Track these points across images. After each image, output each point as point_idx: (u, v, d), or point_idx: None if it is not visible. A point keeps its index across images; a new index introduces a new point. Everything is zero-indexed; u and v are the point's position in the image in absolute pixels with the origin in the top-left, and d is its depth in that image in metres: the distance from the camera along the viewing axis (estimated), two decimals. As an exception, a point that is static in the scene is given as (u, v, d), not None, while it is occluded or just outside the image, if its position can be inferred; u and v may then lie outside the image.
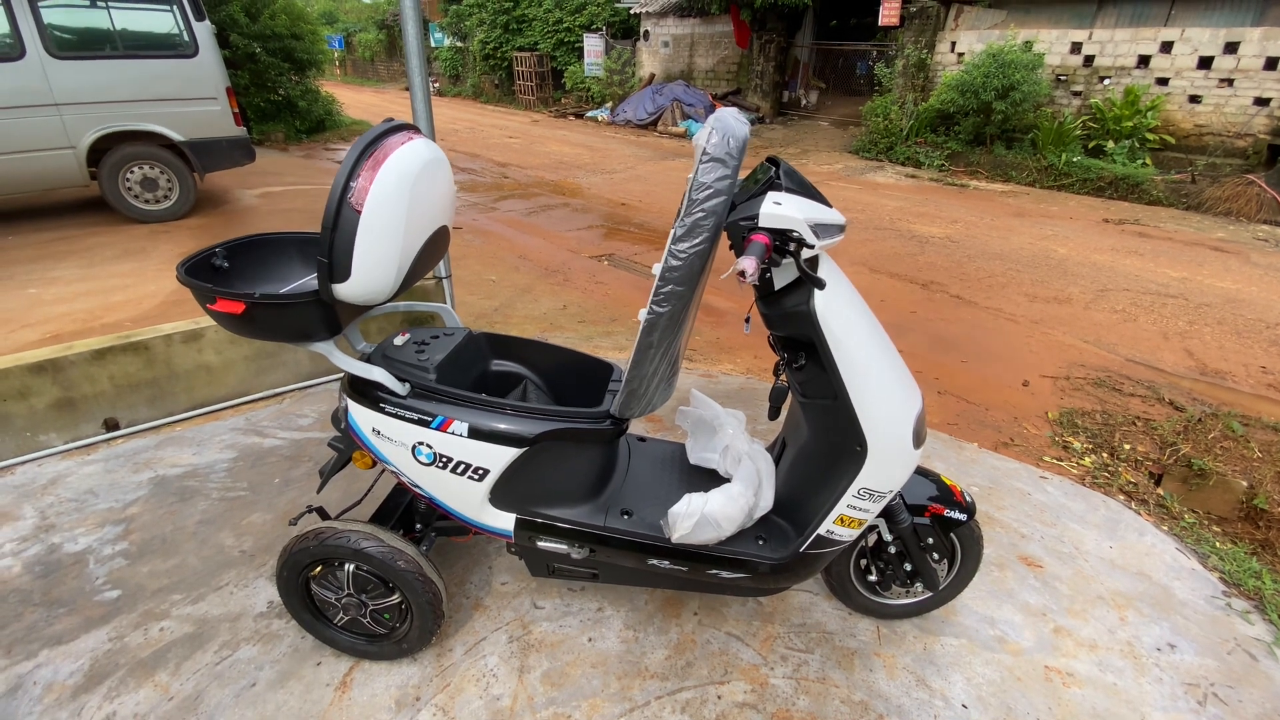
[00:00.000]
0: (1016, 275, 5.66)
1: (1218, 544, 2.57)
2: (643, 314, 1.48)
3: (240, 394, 3.24)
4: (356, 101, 18.99)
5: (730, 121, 1.36)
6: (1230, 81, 8.72)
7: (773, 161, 1.50)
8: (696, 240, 1.38)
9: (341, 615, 1.82)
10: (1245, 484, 2.85)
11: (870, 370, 1.49)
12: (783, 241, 1.34)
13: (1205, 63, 8.87)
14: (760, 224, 1.33)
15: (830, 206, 1.42)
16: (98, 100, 5.39)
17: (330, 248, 1.42)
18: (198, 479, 2.68)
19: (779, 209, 1.33)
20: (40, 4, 5.02)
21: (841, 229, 1.41)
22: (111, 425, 2.95)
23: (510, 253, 6.00)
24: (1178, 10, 8.98)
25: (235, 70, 9.91)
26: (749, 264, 1.23)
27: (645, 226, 6.97)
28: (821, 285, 1.34)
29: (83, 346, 2.85)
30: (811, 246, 1.34)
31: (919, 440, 1.56)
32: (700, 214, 1.36)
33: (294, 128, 11.79)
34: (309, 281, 1.78)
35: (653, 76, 16.85)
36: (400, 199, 1.46)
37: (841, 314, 1.45)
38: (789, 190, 1.39)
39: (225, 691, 1.80)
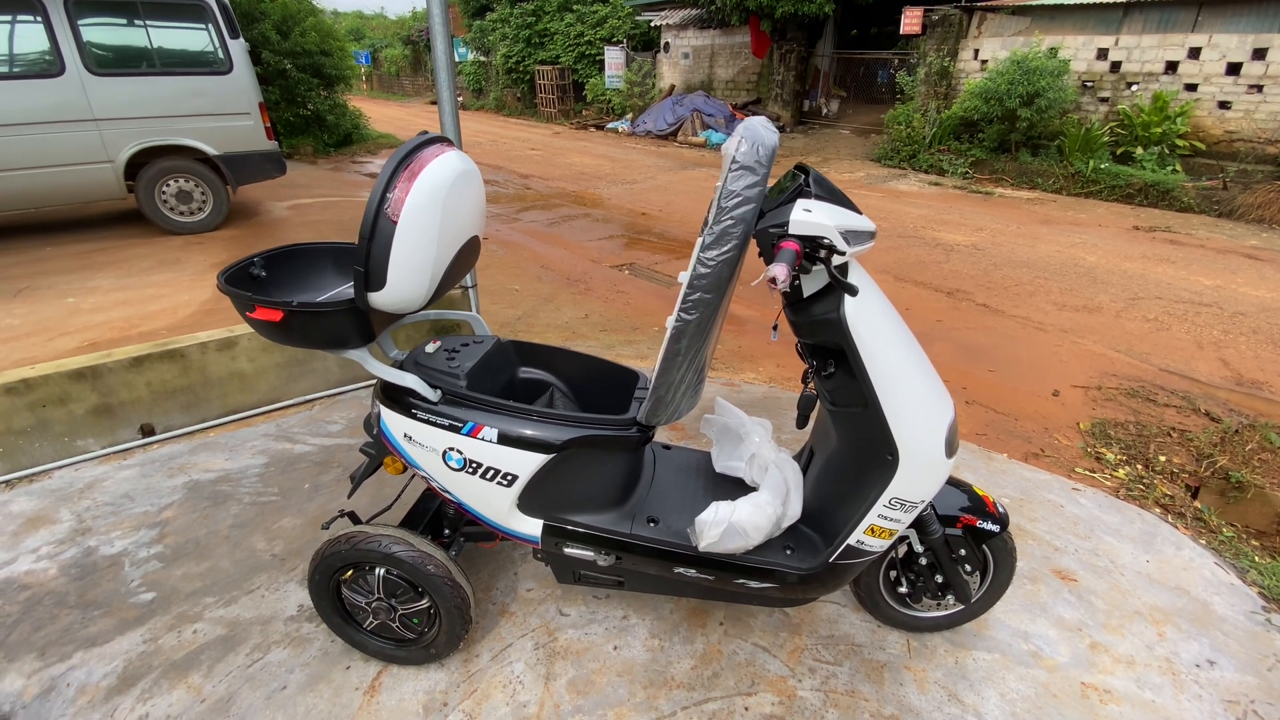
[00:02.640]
0: (1044, 283, 5.58)
1: (1257, 558, 2.50)
2: (670, 321, 1.48)
3: (272, 400, 3.30)
4: (382, 115, 19.35)
5: (759, 130, 1.37)
6: (1260, 88, 8.55)
7: (801, 169, 1.50)
8: (725, 248, 1.38)
9: (371, 619, 1.84)
10: (1287, 497, 2.77)
11: (901, 377, 1.48)
12: (813, 248, 1.34)
13: (1234, 69, 8.71)
14: (790, 231, 1.33)
15: (860, 213, 1.42)
16: (135, 116, 5.56)
17: (367, 257, 1.45)
18: (230, 484, 2.73)
19: (809, 216, 1.33)
20: (79, 22, 5.20)
21: (872, 235, 1.41)
22: (147, 431, 3.02)
23: (533, 262, 6.05)
24: (1205, 16, 8.84)
25: (267, 86, 10.17)
26: (780, 271, 1.23)
27: (665, 236, 7.00)
28: (854, 291, 1.33)
29: (121, 354, 2.92)
30: (843, 253, 1.34)
31: (951, 449, 1.54)
32: (729, 221, 1.36)
33: (323, 141, 12.07)
34: (344, 290, 1.82)
35: (673, 88, 16.96)
36: (434, 210, 1.48)
37: (872, 321, 1.45)
38: (819, 197, 1.39)
39: (256, 694, 1.82)
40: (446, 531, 2.00)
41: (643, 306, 4.97)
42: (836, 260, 1.35)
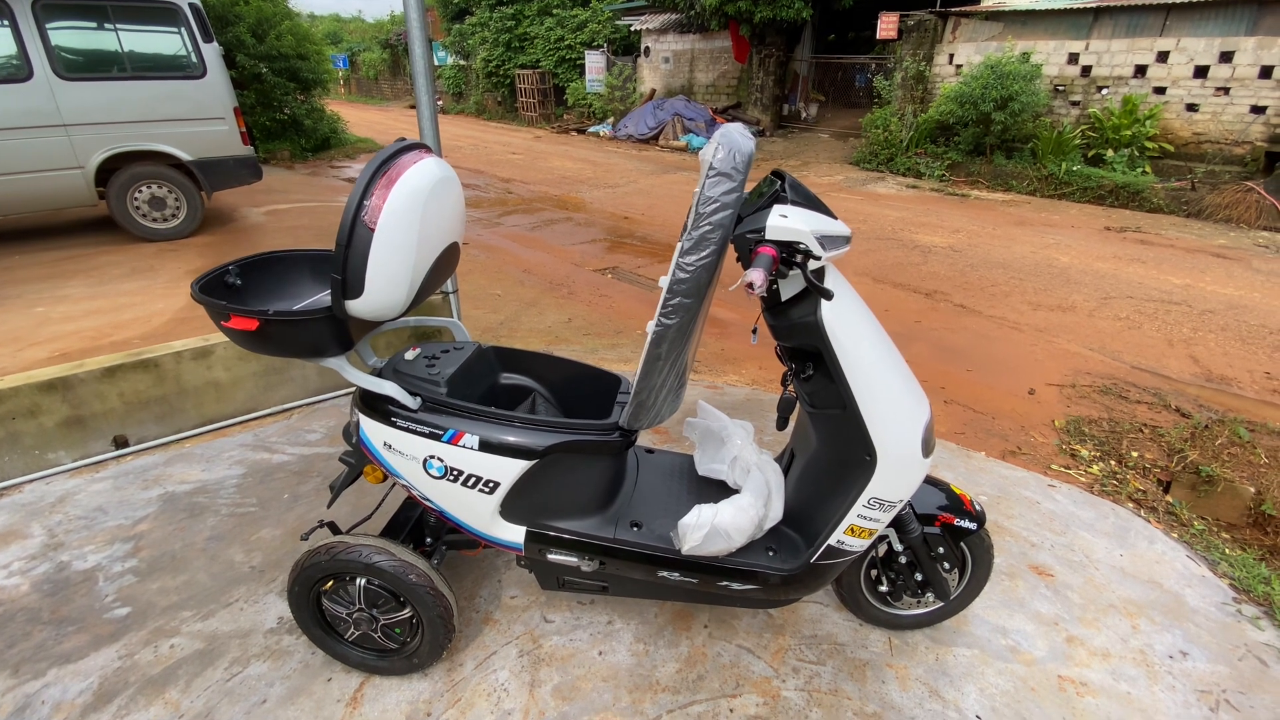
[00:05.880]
0: (1019, 284, 5.67)
1: (1227, 550, 2.56)
2: (651, 326, 1.49)
3: (249, 410, 3.26)
4: (361, 119, 19.18)
5: (736, 137, 1.38)
6: (1226, 90, 8.79)
7: (778, 175, 1.52)
8: (703, 253, 1.39)
9: (352, 630, 1.82)
10: (1253, 490, 2.84)
11: (878, 379, 1.50)
12: (789, 253, 1.36)
13: (1201, 72, 8.94)
14: (767, 236, 1.34)
15: (835, 218, 1.44)
16: (106, 121, 5.44)
17: (344, 265, 1.44)
18: (207, 495, 2.69)
19: (785, 221, 1.34)
20: (48, 26, 5.09)
21: (847, 240, 1.43)
22: (121, 442, 2.97)
23: (515, 267, 6.03)
24: (1172, 20, 9.06)
25: (242, 90, 10.04)
26: (757, 276, 1.25)
27: (648, 239, 7.01)
28: (829, 296, 1.35)
29: (93, 364, 2.87)
30: (818, 258, 1.36)
31: (928, 449, 1.56)
32: (707, 227, 1.37)
33: (300, 146, 11.92)
34: (321, 298, 1.80)
35: (654, 92, 17.01)
36: (413, 216, 1.48)
37: (848, 324, 1.46)
38: (794, 203, 1.41)
39: (236, 709, 1.80)
40: (428, 540, 1.98)
41: (626, 310, 4.97)
42: (812, 265, 1.37)
